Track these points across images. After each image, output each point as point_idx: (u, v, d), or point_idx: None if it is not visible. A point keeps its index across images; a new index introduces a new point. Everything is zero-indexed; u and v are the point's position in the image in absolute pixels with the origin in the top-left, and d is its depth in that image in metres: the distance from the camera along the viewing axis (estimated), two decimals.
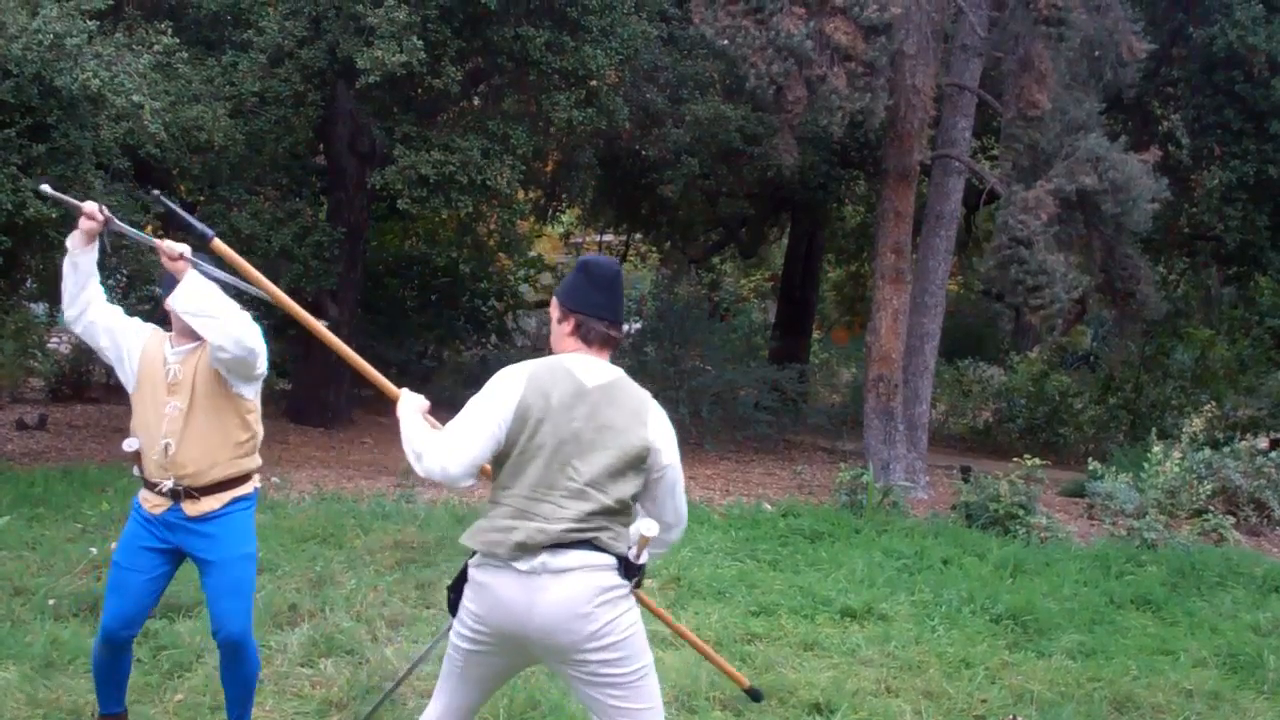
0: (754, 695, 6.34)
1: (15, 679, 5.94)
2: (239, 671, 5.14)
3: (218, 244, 4.94)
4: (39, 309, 18.98)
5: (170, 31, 12.04)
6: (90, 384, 18.63)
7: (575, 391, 3.93)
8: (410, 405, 4.35)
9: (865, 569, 9.64)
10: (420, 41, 12.73)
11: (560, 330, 4.11)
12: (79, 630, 6.76)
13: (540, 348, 27.97)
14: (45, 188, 5.23)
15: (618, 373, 4.05)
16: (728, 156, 17.33)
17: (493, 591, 3.87)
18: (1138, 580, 9.89)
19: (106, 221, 4.97)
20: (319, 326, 5.07)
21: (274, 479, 12.31)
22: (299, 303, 15.19)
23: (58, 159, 11.12)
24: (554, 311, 4.11)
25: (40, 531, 9.15)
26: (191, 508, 4.97)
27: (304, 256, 14.79)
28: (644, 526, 3.95)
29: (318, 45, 13.70)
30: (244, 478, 5.10)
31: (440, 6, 13.10)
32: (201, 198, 14.84)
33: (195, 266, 4.93)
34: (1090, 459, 14.13)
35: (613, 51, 14.24)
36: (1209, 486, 12.84)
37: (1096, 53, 14.12)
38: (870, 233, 20.86)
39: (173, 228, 11.34)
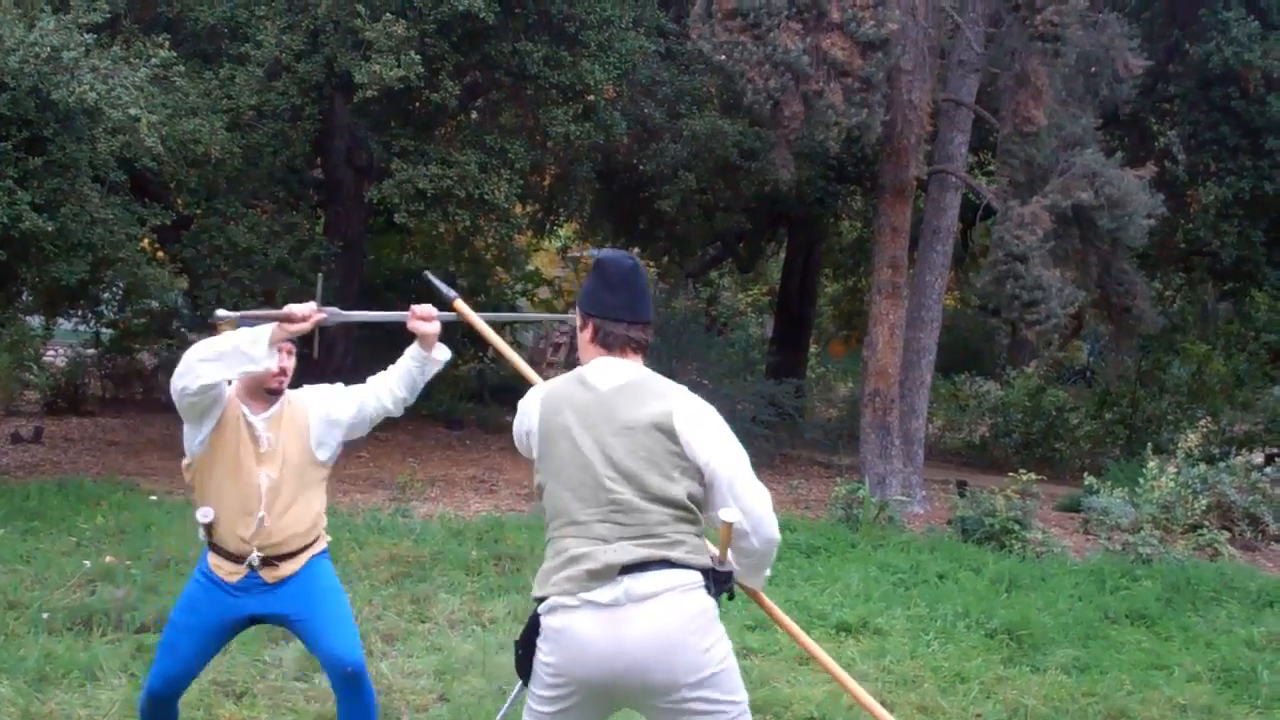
0: None
1: (9, 693, 5.93)
2: (362, 701, 4.81)
3: (459, 304, 5.03)
4: (35, 322, 18.98)
5: (167, 45, 12.06)
6: (85, 397, 18.61)
7: (590, 400, 3.64)
8: None
9: (861, 583, 9.64)
10: (418, 56, 12.76)
11: (583, 339, 3.80)
12: (73, 644, 6.75)
13: (537, 361, 27.99)
14: (220, 312, 4.84)
15: (641, 372, 3.72)
16: (725, 171, 17.35)
17: (571, 635, 3.46)
18: (1133, 595, 9.87)
19: (310, 319, 4.98)
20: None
21: None
22: None
23: (54, 172, 11.14)
24: (577, 320, 3.81)
25: (35, 545, 9.14)
26: (271, 574, 4.79)
27: (301, 270, 14.79)
28: (725, 514, 3.54)
29: (315, 59, 13.73)
30: (319, 538, 4.99)
31: (438, 21, 13.13)
32: (198, 211, 14.84)
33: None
34: (1086, 474, 14.13)
35: (610, 66, 14.27)
36: (1204, 501, 12.83)
37: (1093, 69, 14.16)
38: (867, 248, 20.89)
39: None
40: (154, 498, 11.36)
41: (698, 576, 3.54)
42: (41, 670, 6.26)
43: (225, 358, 4.51)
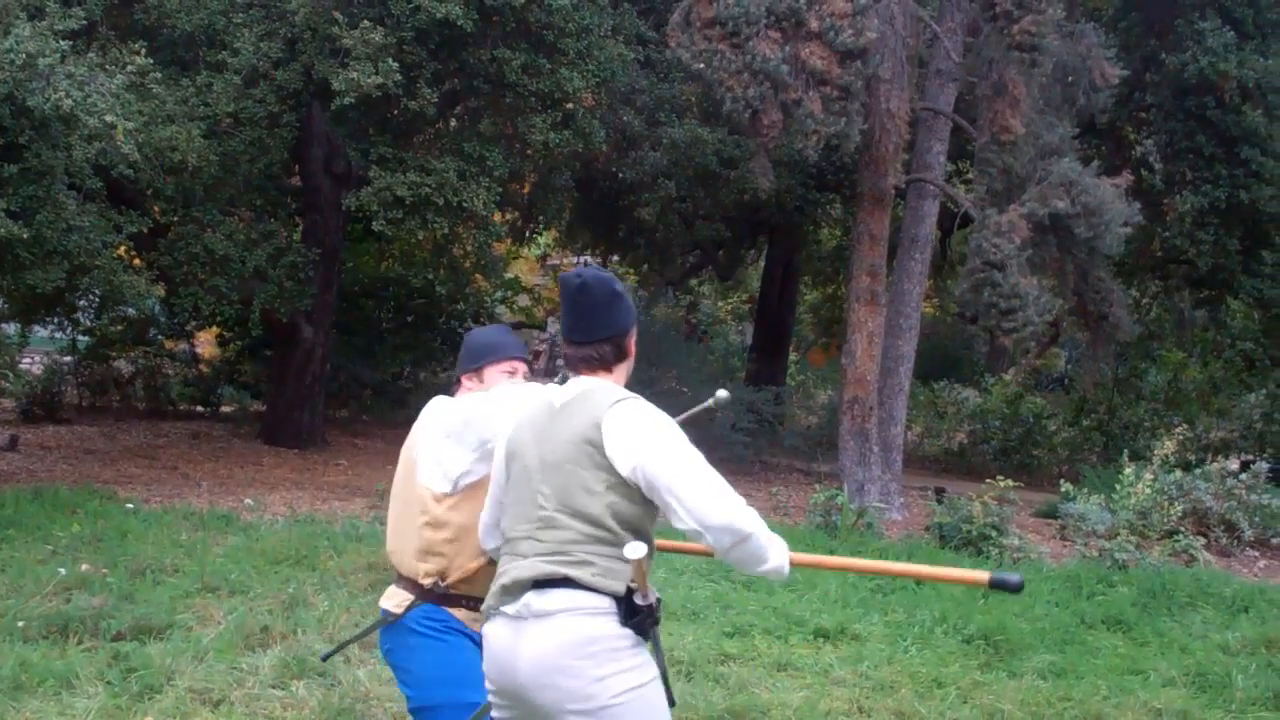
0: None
1: None
2: None
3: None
4: (10, 329, 18.88)
5: (144, 52, 12.02)
6: (62, 405, 18.53)
7: (544, 414, 3.57)
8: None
9: (839, 590, 9.65)
10: (396, 63, 12.74)
11: None
12: (48, 652, 6.70)
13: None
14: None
15: (594, 384, 3.57)
16: (704, 179, 17.38)
17: (489, 645, 3.47)
18: (1109, 601, 9.92)
19: None
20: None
21: (247, 501, 12.27)
22: (274, 323, 15.05)
23: (29, 179, 11.07)
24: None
25: (10, 553, 9.08)
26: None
27: (278, 278, 14.77)
28: (629, 550, 3.27)
29: (293, 66, 13.70)
30: None
31: (416, 28, 13.12)
32: (175, 218, 14.79)
33: None
34: (1063, 480, 14.22)
35: (589, 74, 14.28)
36: (1180, 508, 12.91)
37: (1070, 78, 14.24)
38: (846, 255, 20.94)
39: None
40: (130, 506, 11.30)
41: (604, 602, 3.35)
42: (17, 679, 6.21)
43: None
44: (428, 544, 4.01)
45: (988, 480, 12.70)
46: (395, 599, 4.16)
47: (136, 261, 14.90)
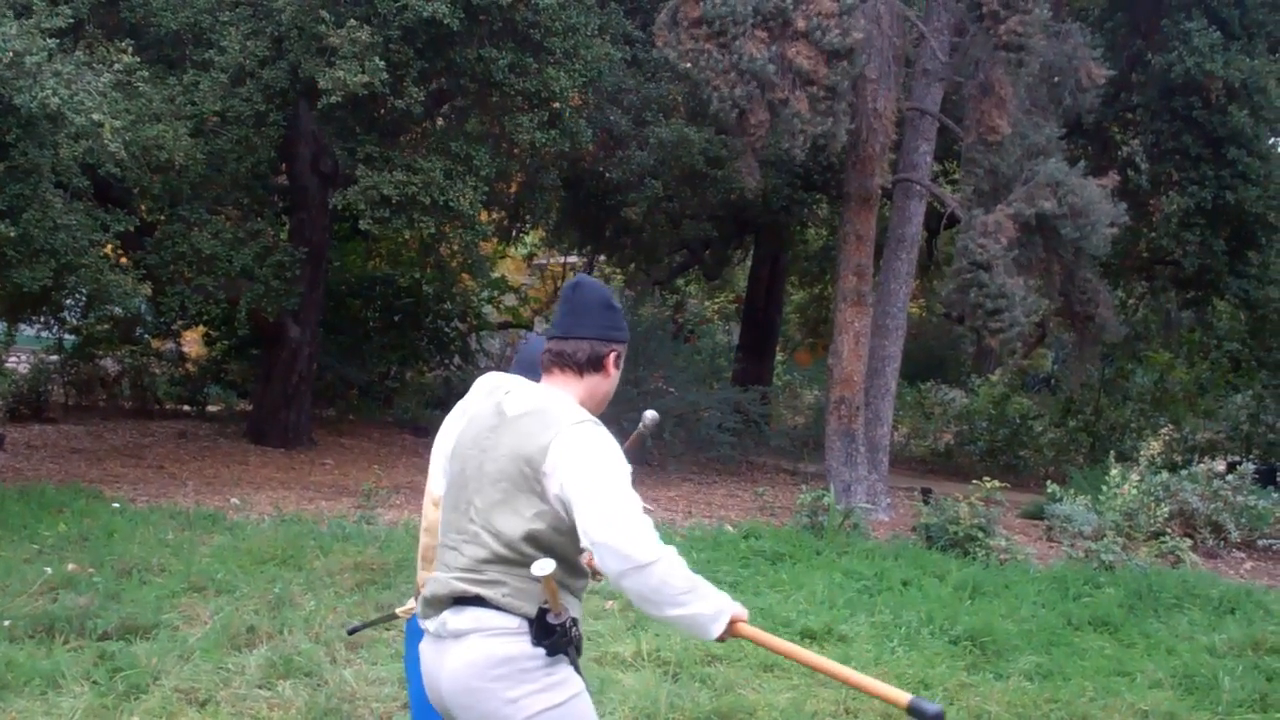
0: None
1: None
2: None
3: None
4: None
5: (131, 50, 12.01)
6: (48, 404, 18.50)
7: (493, 420, 3.52)
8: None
9: (826, 590, 9.66)
10: (382, 62, 12.72)
11: None
12: (34, 652, 6.70)
13: (504, 369, 27.93)
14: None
15: (551, 400, 3.49)
16: (691, 179, 17.38)
17: (422, 661, 3.52)
18: (1095, 602, 9.93)
19: None
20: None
21: (233, 500, 12.25)
22: (261, 322, 15.05)
23: (16, 177, 11.04)
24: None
25: None
26: None
27: (265, 276, 14.75)
28: (537, 567, 3.21)
29: (279, 65, 13.68)
30: None
31: (403, 27, 13.10)
32: (161, 217, 14.76)
33: None
34: (1049, 481, 14.24)
35: (576, 74, 14.27)
36: (1167, 509, 12.93)
37: (1056, 78, 14.26)
38: (833, 255, 20.94)
39: None
40: (116, 505, 11.29)
41: (514, 622, 3.33)
42: (3, 678, 6.21)
43: None
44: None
45: (974, 481, 12.71)
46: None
47: (123, 260, 14.86)
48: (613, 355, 3.60)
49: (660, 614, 3.26)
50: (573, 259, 29.91)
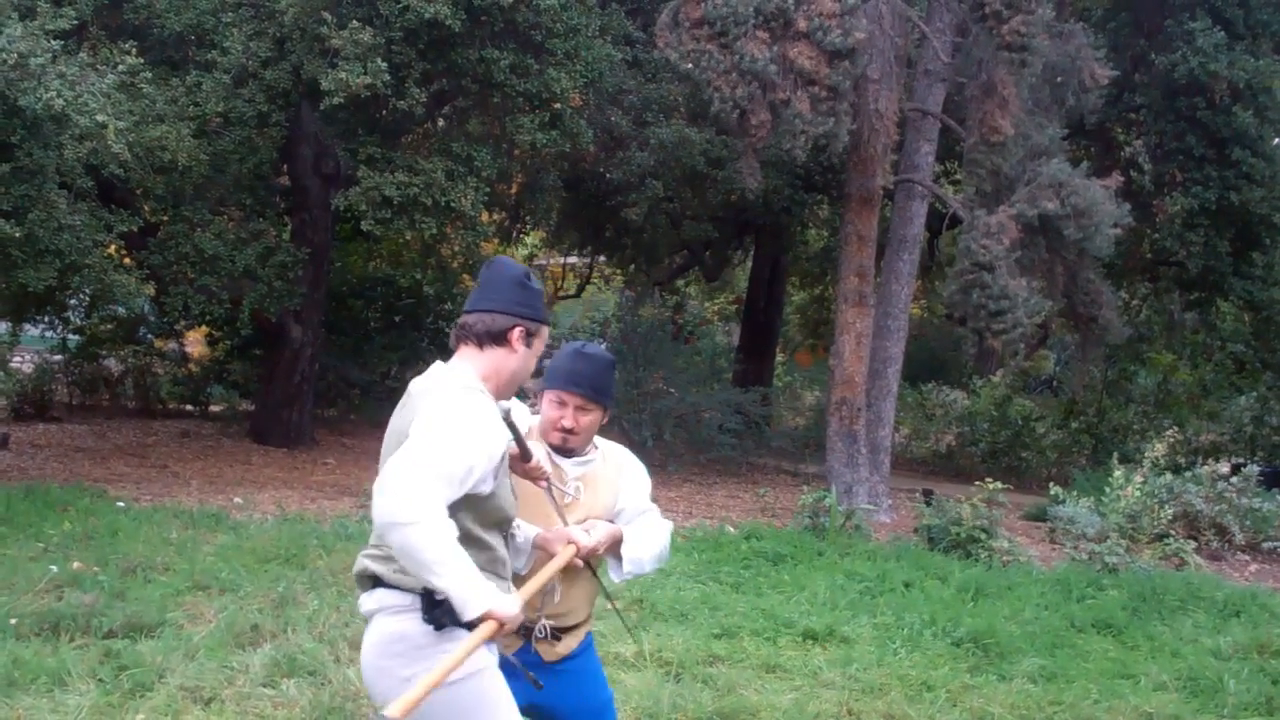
0: None
1: None
2: None
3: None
4: (1, 328, 18.87)
5: (134, 51, 12.01)
6: (52, 403, 18.52)
7: (402, 401, 3.57)
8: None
9: (827, 592, 9.65)
10: (384, 63, 12.72)
11: None
12: (40, 649, 6.72)
13: None
14: None
15: (444, 372, 3.56)
16: (692, 180, 17.38)
17: None
18: (1099, 604, 9.92)
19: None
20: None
21: (236, 499, 12.25)
22: (263, 323, 15.07)
23: (21, 178, 11.06)
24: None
25: (2, 551, 9.08)
26: (549, 651, 4.12)
27: (267, 277, 14.75)
28: None
29: (282, 66, 13.68)
30: (592, 611, 4.36)
31: (404, 29, 13.10)
32: (165, 218, 14.78)
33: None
34: (1052, 483, 14.19)
35: (577, 74, 14.27)
36: (1170, 511, 12.91)
37: (1059, 79, 14.26)
38: (834, 256, 20.92)
39: None
40: (121, 504, 11.31)
41: (406, 599, 3.36)
42: (10, 675, 6.22)
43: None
44: None
45: (976, 483, 12.69)
46: None
47: (127, 260, 14.87)
48: (517, 330, 3.59)
49: (419, 577, 3.20)
50: (573, 259, 29.94)
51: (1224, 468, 15.49)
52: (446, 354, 3.67)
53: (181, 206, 14.49)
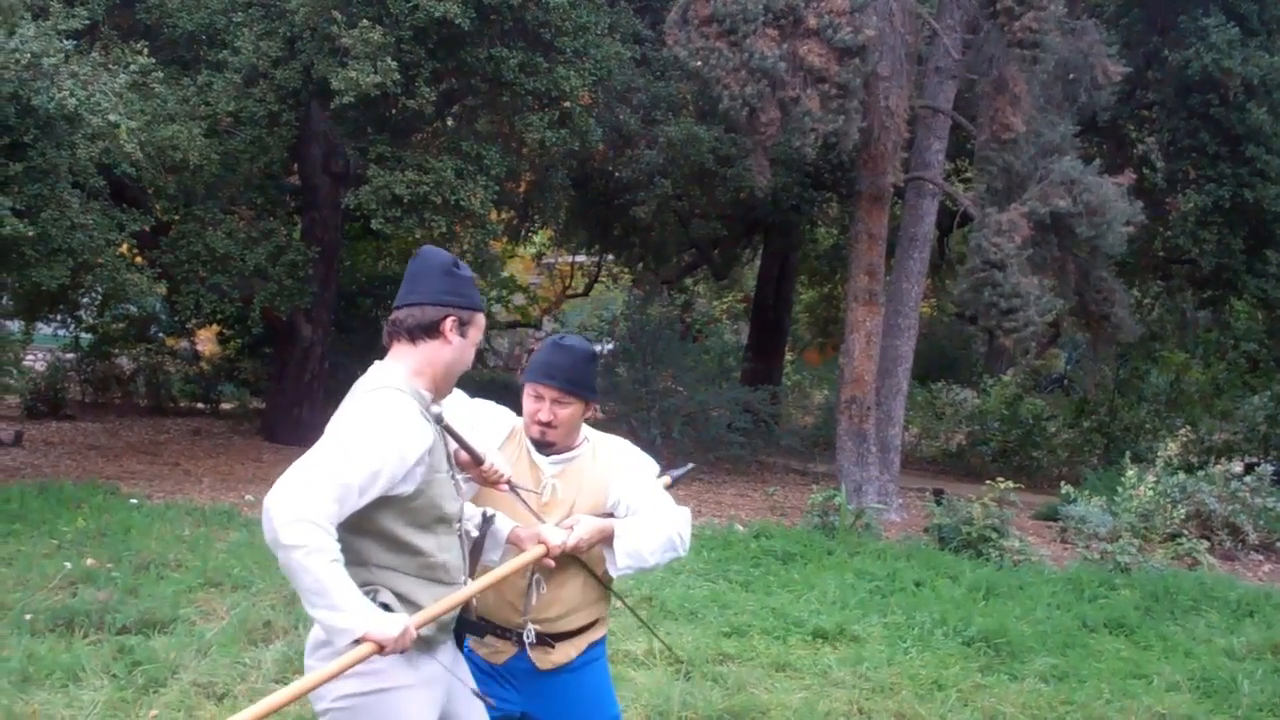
0: None
1: None
2: None
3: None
4: (14, 327, 18.95)
5: (146, 51, 12.06)
6: (65, 401, 18.58)
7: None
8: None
9: (837, 590, 9.64)
10: (394, 62, 12.73)
11: None
12: (55, 645, 6.78)
13: (512, 368, 27.97)
14: None
15: (372, 371, 3.52)
16: (701, 178, 17.37)
17: None
18: (1111, 604, 9.90)
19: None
20: None
21: (248, 497, 12.27)
22: (274, 321, 15.04)
23: (34, 177, 11.11)
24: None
25: (16, 547, 9.14)
26: (543, 659, 3.99)
27: (278, 275, 14.80)
28: None
29: (292, 66, 13.71)
30: (601, 620, 4.18)
31: (414, 28, 13.11)
32: (176, 217, 14.82)
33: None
34: (1063, 482, 14.17)
35: (586, 73, 14.27)
36: (1183, 510, 12.88)
37: (1071, 75, 14.21)
38: (843, 254, 20.91)
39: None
40: (134, 501, 11.36)
41: None
42: (25, 671, 6.27)
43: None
44: None
45: (987, 482, 12.67)
46: None
47: (139, 259, 14.93)
48: (449, 320, 3.51)
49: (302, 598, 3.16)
50: (581, 258, 29.92)
51: (1237, 467, 15.43)
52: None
53: (193, 205, 14.54)
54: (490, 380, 21.77)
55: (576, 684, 4.04)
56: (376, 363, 3.56)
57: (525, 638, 3.93)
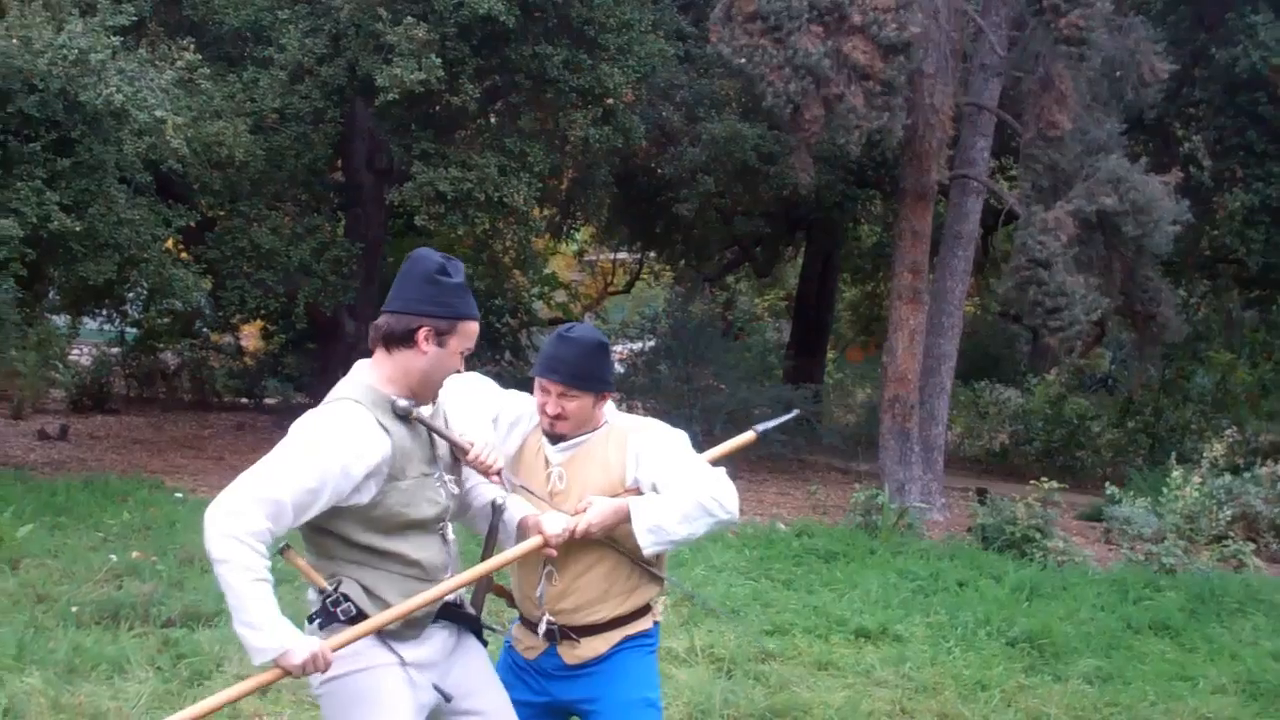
0: None
1: (39, 684, 5.97)
2: None
3: None
4: (60, 321, 19.12)
5: (192, 48, 12.16)
6: (110, 395, 18.74)
7: None
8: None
9: (880, 590, 9.60)
10: (439, 59, 12.79)
11: None
12: (100, 637, 6.84)
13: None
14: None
15: (343, 380, 3.53)
16: (743, 175, 17.33)
17: None
18: (1156, 605, 9.80)
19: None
20: None
21: None
22: (318, 317, 15.05)
23: (82, 173, 11.23)
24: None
25: (62, 540, 9.23)
26: (570, 654, 3.90)
27: (322, 271, 14.90)
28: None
29: (337, 63, 13.79)
30: (641, 610, 3.99)
31: (459, 24, 13.16)
32: (222, 213, 14.94)
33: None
34: (1108, 483, 14.05)
35: (630, 70, 14.28)
36: (1229, 512, 12.73)
37: (1118, 73, 14.09)
38: (887, 252, 20.81)
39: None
40: (179, 495, 11.45)
41: (313, 595, 3.50)
42: (70, 662, 6.33)
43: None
44: None
45: (1031, 482, 12.59)
46: None
47: (184, 255, 15.06)
48: (423, 331, 3.44)
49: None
50: (623, 255, 29.94)
51: None
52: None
53: (238, 201, 14.66)
54: (530, 380, 21.76)
55: (609, 666, 3.90)
56: (359, 362, 3.56)
57: (540, 631, 3.87)
